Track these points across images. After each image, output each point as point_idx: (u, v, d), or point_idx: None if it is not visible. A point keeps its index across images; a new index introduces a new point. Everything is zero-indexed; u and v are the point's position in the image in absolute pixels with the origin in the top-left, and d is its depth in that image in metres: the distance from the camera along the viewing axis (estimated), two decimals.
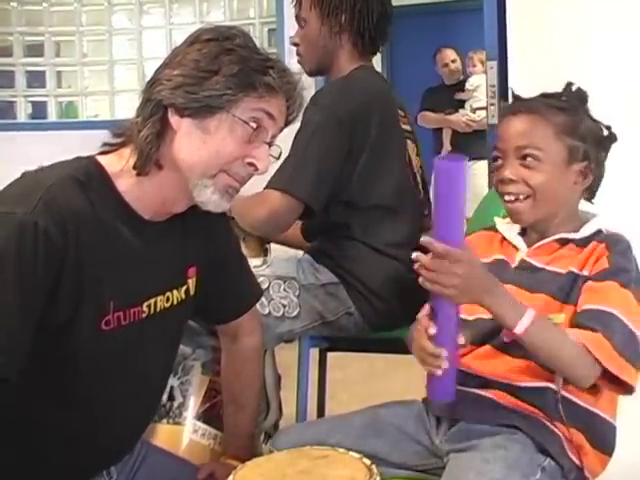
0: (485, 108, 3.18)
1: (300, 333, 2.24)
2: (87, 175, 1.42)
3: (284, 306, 2.19)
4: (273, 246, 2.55)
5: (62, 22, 5.78)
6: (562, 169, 1.62)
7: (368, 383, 3.53)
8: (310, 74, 2.37)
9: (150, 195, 1.48)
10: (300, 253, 2.37)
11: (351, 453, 1.52)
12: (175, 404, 2.15)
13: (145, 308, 1.50)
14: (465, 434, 1.58)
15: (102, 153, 1.49)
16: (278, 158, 1.54)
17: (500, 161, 1.66)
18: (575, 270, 1.59)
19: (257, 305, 2.11)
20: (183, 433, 2.20)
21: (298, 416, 2.24)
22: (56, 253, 1.32)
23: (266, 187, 2.14)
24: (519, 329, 1.45)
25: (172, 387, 2.28)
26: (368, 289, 2.20)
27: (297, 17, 2.33)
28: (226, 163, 1.45)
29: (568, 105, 1.65)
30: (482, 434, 1.56)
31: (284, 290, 2.20)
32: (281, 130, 1.51)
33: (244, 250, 2.46)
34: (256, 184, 1.72)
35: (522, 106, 1.67)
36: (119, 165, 1.46)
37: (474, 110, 5.39)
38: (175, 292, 1.58)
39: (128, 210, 1.47)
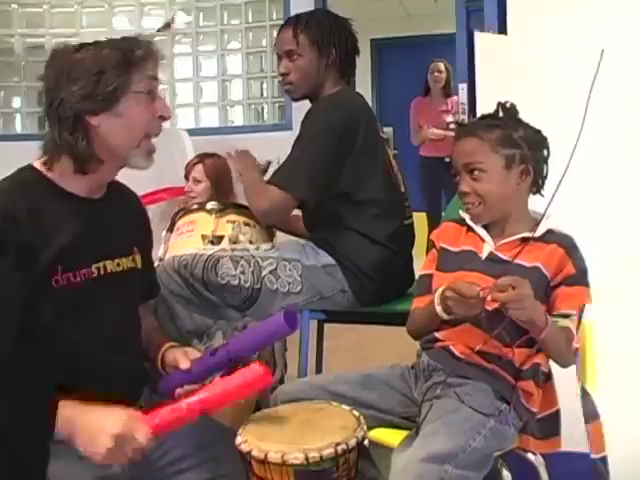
0: (457, 122, 3.22)
1: (302, 306, 2.26)
2: (24, 180, 1.50)
3: (289, 283, 2.21)
4: (280, 236, 2.60)
5: (63, 24, 5.38)
6: (504, 175, 1.67)
7: (358, 350, 3.55)
8: (297, 100, 2.41)
9: (87, 181, 1.54)
10: (302, 242, 2.39)
11: (343, 406, 1.57)
12: None
13: (94, 269, 1.53)
14: (438, 386, 1.63)
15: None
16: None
17: (457, 177, 1.72)
18: (540, 267, 1.63)
19: (266, 281, 2.20)
20: None
21: (299, 374, 2.25)
22: None
23: (268, 182, 2.19)
24: (543, 334, 1.53)
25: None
26: (360, 271, 2.21)
27: (289, 52, 2.32)
28: (145, 128, 1.54)
29: (499, 122, 1.70)
30: (453, 384, 1.61)
31: (289, 270, 2.21)
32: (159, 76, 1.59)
33: (255, 237, 2.50)
34: None
35: (464, 130, 1.75)
36: (56, 168, 1.52)
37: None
38: (124, 259, 1.61)
39: (64, 192, 1.52)
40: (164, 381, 1.61)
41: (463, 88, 2.95)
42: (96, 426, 1.34)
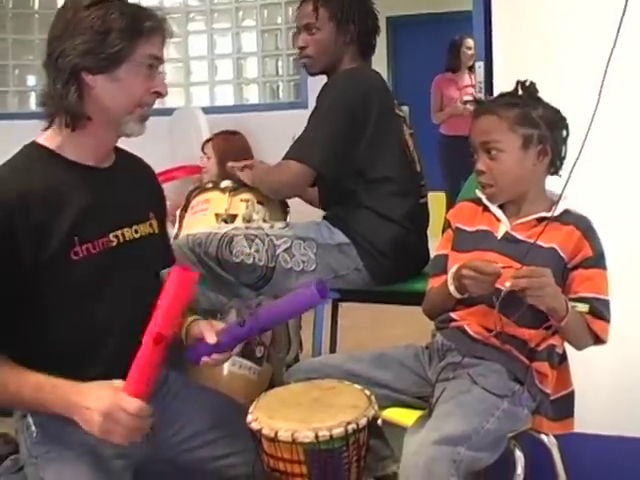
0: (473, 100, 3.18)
1: None
2: (28, 157, 1.50)
3: (303, 262, 2.20)
4: (293, 214, 2.59)
5: None
6: (521, 154, 1.65)
7: (373, 329, 3.55)
8: (314, 74, 2.40)
9: (85, 144, 1.53)
10: (318, 218, 2.38)
11: (355, 385, 1.56)
12: None
13: (113, 238, 1.53)
14: (452, 365, 1.63)
15: (46, 129, 1.53)
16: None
17: (475, 156, 1.70)
18: (557, 248, 1.61)
19: (281, 260, 2.20)
20: (224, 366, 2.27)
21: (314, 353, 2.26)
22: (3, 231, 1.39)
23: (284, 158, 2.18)
24: (564, 322, 1.53)
25: None
26: (375, 249, 2.20)
27: (308, 25, 2.31)
28: (140, 99, 1.52)
29: (518, 100, 1.68)
30: (467, 365, 1.60)
31: (304, 249, 2.21)
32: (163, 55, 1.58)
33: (268, 215, 2.49)
34: None
35: (482, 108, 1.73)
36: (55, 134, 1.51)
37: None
38: (142, 226, 1.61)
39: (70, 163, 1.52)
40: (190, 351, 1.60)
41: (480, 66, 2.91)
42: (84, 406, 1.35)
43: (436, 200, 4.99)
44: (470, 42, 5.57)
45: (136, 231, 1.59)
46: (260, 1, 5.28)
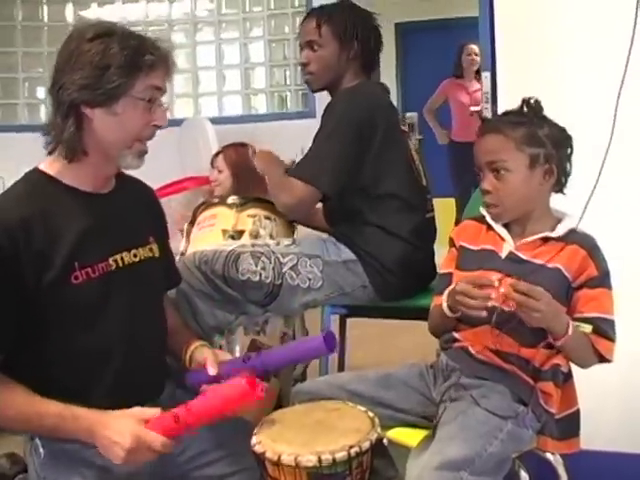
0: (479, 112, 3.18)
1: (322, 302, 2.27)
2: (31, 183, 1.53)
3: (310, 279, 2.21)
4: (301, 229, 2.60)
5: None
6: (528, 174, 1.64)
7: (381, 340, 3.56)
8: (316, 90, 2.41)
9: (84, 173, 1.56)
10: (323, 236, 2.39)
11: (359, 407, 1.56)
12: None
13: (112, 262, 1.55)
14: (456, 387, 1.63)
15: (49, 153, 1.56)
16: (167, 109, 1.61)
17: (480, 175, 1.70)
18: (561, 268, 1.61)
19: (287, 277, 2.21)
20: None
21: (320, 371, 2.27)
22: (8, 257, 1.42)
23: (291, 175, 2.19)
24: (561, 342, 1.54)
25: (220, 346, 2.33)
26: (382, 266, 2.21)
27: (310, 42, 2.32)
28: (139, 133, 1.54)
29: (525, 119, 1.66)
30: (470, 386, 1.60)
31: (310, 266, 2.21)
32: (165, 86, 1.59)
33: (275, 231, 2.50)
34: None
35: (488, 127, 1.71)
36: (55, 161, 1.54)
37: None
38: (140, 250, 1.62)
39: (69, 189, 1.54)
40: (191, 376, 1.63)
41: (487, 77, 2.91)
42: (109, 440, 1.39)
43: (445, 207, 5.01)
44: (472, 48, 5.59)
45: (135, 255, 1.60)
46: (267, 11, 5.31)
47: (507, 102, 2.28)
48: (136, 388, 1.54)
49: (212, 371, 1.56)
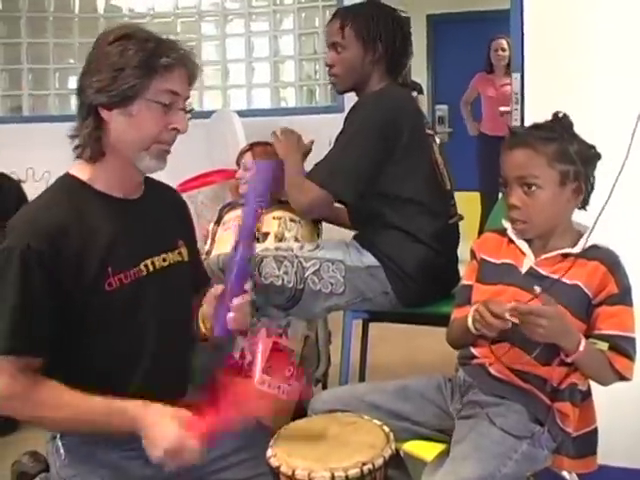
0: (509, 112, 3.15)
1: (344, 307, 2.28)
2: (65, 188, 1.57)
3: (332, 284, 2.23)
4: (325, 231, 2.61)
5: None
6: (557, 191, 1.62)
7: (404, 341, 3.56)
8: (341, 92, 2.43)
9: (111, 177, 1.58)
10: (347, 239, 2.40)
11: (374, 421, 1.58)
12: (246, 361, 2.23)
13: (143, 267, 1.58)
14: (472, 404, 1.64)
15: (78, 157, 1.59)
16: (191, 111, 1.60)
17: (507, 188, 1.66)
18: (581, 285, 1.60)
19: (309, 282, 2.22)
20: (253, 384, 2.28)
21: (341, 378, 2.28)
22: (49, 262, 1.45)
23: (308, 176, 2.21)
24: (575, 356, 1.52)
25: (243, 348, 2.35)
26: (403, 272, 2.21)
27: (334, 44, 2.32)
28: (156, 135, 1.54)
29: (555, 134, 1.63)
30: (487, 404, 1.61)
31: (332, 271, 2.23)
32: (190, 89, 1.59)
33: (300, 234, 2.51)
34: None
35: (517, 140, 1.66)
36: (85, 166, 1.57)
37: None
38: (170, 254, 1.65)
39: (101, 195, 1.57)
40: (215, 326, 1.62)
41: (517, 78, 2.88)
42: (153, 436, 1.42)
43: (471, 200, 4.97)
44: (500, 43, 5.54)
45: (164, 259, 1.63)
46: (298, 4, 5.28)
47: (533, 103, 2.29)
48: (162, 388, 1.56)
49: (216, 291, 1.62)
